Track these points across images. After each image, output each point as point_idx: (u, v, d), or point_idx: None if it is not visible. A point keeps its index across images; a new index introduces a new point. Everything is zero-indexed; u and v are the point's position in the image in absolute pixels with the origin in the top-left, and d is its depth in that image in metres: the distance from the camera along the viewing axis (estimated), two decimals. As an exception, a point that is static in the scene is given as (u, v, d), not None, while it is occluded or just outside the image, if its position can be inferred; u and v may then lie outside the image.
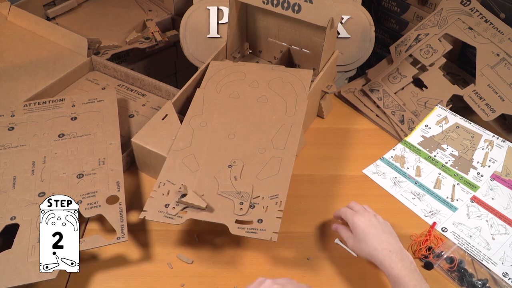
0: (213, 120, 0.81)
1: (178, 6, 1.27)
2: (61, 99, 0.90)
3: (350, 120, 1.00)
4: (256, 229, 0.66)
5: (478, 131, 0.90)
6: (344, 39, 1.06)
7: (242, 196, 0.70)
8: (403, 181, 0.86)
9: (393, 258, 0.61)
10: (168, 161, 0.75)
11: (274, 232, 0.65)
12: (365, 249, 0.65)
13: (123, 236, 0.67)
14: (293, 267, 0.71)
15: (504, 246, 0.74)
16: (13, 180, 0.75)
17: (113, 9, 1.30)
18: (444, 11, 1.03)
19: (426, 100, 0.97)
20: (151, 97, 1.00)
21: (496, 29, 0.95)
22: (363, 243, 0.65)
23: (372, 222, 0.67)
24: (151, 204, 0.70)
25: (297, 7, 0.85)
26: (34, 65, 1.02)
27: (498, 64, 0.93)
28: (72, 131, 0.83)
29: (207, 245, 0.74)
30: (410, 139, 0.93)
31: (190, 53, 1.07)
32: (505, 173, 0.84)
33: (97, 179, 0.75)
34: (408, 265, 0.61)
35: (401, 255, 0.62)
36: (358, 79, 1.09)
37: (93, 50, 1.11)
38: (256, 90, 0.86)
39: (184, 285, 0.69)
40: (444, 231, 0.77)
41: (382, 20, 1.27)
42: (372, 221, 0.67)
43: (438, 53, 0.99)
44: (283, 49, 0.99)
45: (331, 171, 0.88)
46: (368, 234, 0.65)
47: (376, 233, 0.65)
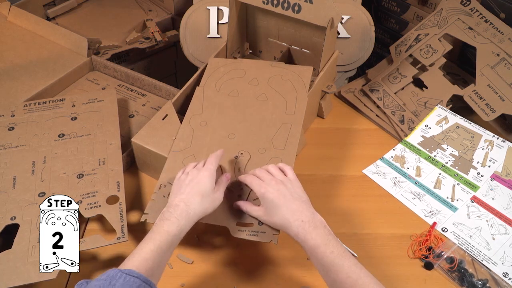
0: (213, 119, 0.81)
1: (178, 6, 1.27)
2: (61, 99, 0.90)
3: (350, 120, 1.00)
4: (257, 232, 0.66)
5: (478, 131, 0.90)
6: (344, 39, 1.06)
7: (242, 189, 0.71)
8: (403, 181, 0.86)
9: (306, 228, 0.59)
10: (168, 162, 0.75)
11: (274, 235, 0.65)
12: (278, 222, 0.62)
13: (123, 236, 0.67)
14: (293, 267, 0.71)
15: (504, 246, 0.74)
16: (13, 180, 0.75)
17: (113, 9, 1.30)
18: (444, 11, 1.03)
19: (426, 100, 0.97)
20: (151, 97, 1.00)
21: (496, 29, 0.95)
22: (275, 216, 0.62)
23: (281, 191, 0.63)
24: (153, 207, 0.70)
25: (297, 7, 0.85)
26: (34, 65, 1.02)
27: (498, 64, 0.93)
28: (72, 131, 0.83)
29: (207, 245, 0.74)
30: (410, 139, 0.93)
31: (190, 53, 1.07)
32: (505, 173, 0.84)
33: (97, 179, 0.75)
34: (322, 232, 0.59)
35: (314, 223, 0.59)
36: (358, 79, 1.09)
37: (93, 50, 1.11)
38: (255, 88, 0.86)
39: (184, 285, 0.69)
40: (444, 231, 0.77)
41: (382, 20, 1.27)
42: (281, 190, 0.63)
43: (438, 53, 0.99)
44: (283, 49, 0.99)
45: (331, 171, 0.88)
46: (278, 205, 0.62)
47: (286, 203, 0.62)
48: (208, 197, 0.63)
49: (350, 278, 0.54)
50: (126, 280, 0.49)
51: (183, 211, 0.60)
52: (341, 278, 0.55)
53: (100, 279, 0.50)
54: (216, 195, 0.65)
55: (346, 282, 0.54)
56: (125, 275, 0.50)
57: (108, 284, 0.49)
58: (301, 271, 0.71)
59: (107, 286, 0.49)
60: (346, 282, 0.54)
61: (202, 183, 0.63)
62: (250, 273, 0.71)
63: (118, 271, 0.50)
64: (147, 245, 0.56)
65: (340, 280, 0.55)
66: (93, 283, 0.50)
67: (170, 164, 0.75)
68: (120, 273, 0.50)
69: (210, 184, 0.64)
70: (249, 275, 0.70)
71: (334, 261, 0.56)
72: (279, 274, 0.70)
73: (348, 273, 0.55)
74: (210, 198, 0.63)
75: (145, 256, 0.54)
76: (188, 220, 0.60)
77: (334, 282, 0.56)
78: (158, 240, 0.56)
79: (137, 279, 0.50)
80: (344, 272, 0.55)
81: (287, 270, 0.71)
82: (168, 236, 0.57)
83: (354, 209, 0.81)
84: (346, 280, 0.54)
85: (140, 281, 0.50)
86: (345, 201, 0.82)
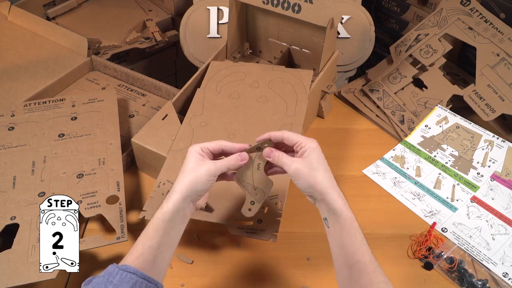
0: (213, 120, 0.81)
1: (178, 6, 1.27)
2: (61, 99, 0.90)
3: (350, 120, 1.00)
4: (256, 229, 0.66)
5: (478, 131, 0.90)
6: (344, 39, 1.06)
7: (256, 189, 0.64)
8: (403, 181, 0.86)
9: (344, 199, 0.56)
10: (168, 161, 0.75)
11: (273, 233, 0.65)
12: (319, 179, 0.54)
13: (123, 236, 0.67)
14: (293, 267, 0.71)
15: (504, 246, 0.74)
16: (13, 180, 0.75)
17: (113, 9, 1.30)
18: (444, 11, 1.03)
19: (426, 100, 0.97)
20: (151, 97, 1.00)
21: (496, 29, 0.95)
22: (318, 171, 0.55)
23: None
24: (151, 204, 0.70)
25: (297, 7, 0.85)
26: (34, 65, 1.02)
27: (498, 64, 0.93)
28: (72, 131, 0.83)
29: (207, 245, 0.74)
30: (410, 139, 0.93)
31: (190, 53, 1.07)
32: (505, 173, 0.84)
33: (97, 179, 0.75)
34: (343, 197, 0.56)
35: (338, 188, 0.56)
36: (358, 79, 1.09)
37: (93, 50, 1.11)
38: (256, 91, 0.86)
39: (184, 285, 0.69)
40: (444, 231, 0.77)
41: (382, 20, 1.27)
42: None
43: (438, 53, 0.99)
44: (283, 49, 0.99)
45: (331, 171, 0.88)
46: (324, 163, 0.56)
47: (327, 166, 0.56)
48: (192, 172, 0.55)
49: (372, 263, 0.53)
50: (122, 276, 0.49)
51: (169, 196, 0.55)
52: (366, 260, 0.52)
53: (100, 275, 0.50)
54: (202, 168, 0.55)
55: (369, 266, 0.52)
56: (122, 271, 0.50)
57: (106, 280, 0.49)
58: (301, 271, 0.71)
59: (105, 283, 0.49)
60: (368, 266, 0.52)
61: (186, 162, 0.56)
62: (250, 273, 0.71)
63: (115, 267, 0.50)
64: (142, 238, 0.54)
65: (364, 262, 0.52)
66: (95, 280, 0.50)
67: (169, 163, 0.75)
68: (117, 269, 0.50)
69: (192, 161, 0.56)
70: (249, 275, 0.70)
71: (363, 240, 0.54)
72: (279, 274, 0.70)
73: (372, 259, 0.53)
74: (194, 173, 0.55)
75: (139, 249, 0.53)
76: (173, 202, 0.54)
77: (357, 262, 0.53)
78: (150, 228, 0.54)
79: (134, 275, 0.49)
80: (370, 255, 0.53)
81: (287, 270, 0.71)
82: (157, 221, 0.54)
83: (354, 209, 0.79)
84: (369, 264, 0.52)
85: (137, 277, 0.49)
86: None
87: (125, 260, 0.53)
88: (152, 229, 0.54)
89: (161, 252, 0.54)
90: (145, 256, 0.53)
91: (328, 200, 0.54)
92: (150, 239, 0.54)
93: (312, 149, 0.55)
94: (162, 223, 0.55)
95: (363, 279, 0.52)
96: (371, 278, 0.51)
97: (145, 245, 0.53)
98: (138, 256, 0.53)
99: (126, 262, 0.52)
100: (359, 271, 0.52)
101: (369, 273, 0.52)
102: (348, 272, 0.53)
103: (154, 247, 0.54)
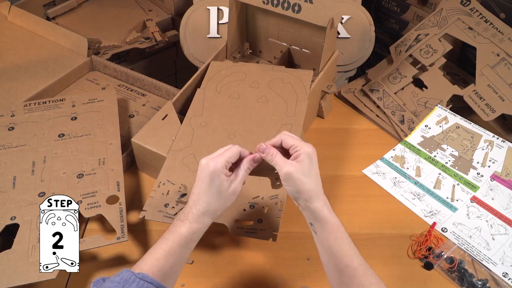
0: (213, 120, 0.81)
1: (178, 6, 1.27)
2: (61, 99, 0.90)
3: (350, 120, 1.00)
4: (256, 229, 0.66)
5: (478, 131, 0.90)
6: (344, 39, 1.06)
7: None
8: (403, 181, 0.86)
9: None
10: (168, 161, 0.75)
11: (273, 233, 0.65)
12: (308, 184, 0.54)
13: (123, 236, 0.67)
14: (293, 267, 0.71)
15: (504, 246, 0.74)
16: (13, 180, 0.75)
17: (113, 9, 1.30)
18: (444, 11, 1.03)
19: (426, 100, 0.97)
20: (151, 97, 1.00)
21: (496, 29, 0.95)
22: (309, 177, 0.54)
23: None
24: (151, 204, 0.70)
25: (297, 7, 0.85)
26: (34, 65, 1.02)
27: (498, 64, 0.93)
28: (72, 131, 0.83)
29: (207, 245, 0.74)
30: (410, 139, 0.93)
31: (190, 53, 1.07)
32: (505, 173, 0.84)
33: (97, 179, 0.75)
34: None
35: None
36: (358, 79, 1.09)
37: (93, 50, 1.11)
38: (256, 91, 0.86)
39: (184, 285, 0.69)
40: (444, 231, 0.77)
41: (382, 20, 1.27)
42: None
43: (438, 53, 0.99)
44: (283, 49, 0.99)
45: (331, 171, 0.88)
46: (315, 167, 0.55)
47: (317, 170, 0.56)
48: (221, 195, 0.55)
49: (362, 266, 0.53)
50: (139, 285, 0.48)
51: (194, 214, 0.55)
52: (355, 265, 0.53)
53: (114, 280, 0.49)
54: (230, 189, 0.56)
55: (358, 270, 0.53)
56: (139, 279, 0.48)
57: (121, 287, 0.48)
58: (301, 271, 0.71)
59: None
60: (358, 270, 0.53)
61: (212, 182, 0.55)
62: (250, 273, 0.71)
63: (131, 274, 0.49)
64: (160, 245, 0.54)
65: (353, 266, 0.53)
66: (107, 284, 0.49)
67: (169, 162, 0.75)
68: (134, 276, 0.49)
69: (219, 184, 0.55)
70: (249, 275, 0.70)
71: (351, 244, 0.54)
72: (279, 274, 0.70)
73: (361, 262, 0.54)
74: (223, 196, 0.56)
75: (157, 256, 0.53)
76: (198, 222, 0.55)
77: (346, 267, 0.53)
78: (171, 241, 0.54)
79: (151, 284, 0.48)
80: (359, 259, 0.54)
81: (287, 270, 0.71)
82: (180, 238, 0.54)
83: (354, 209, 0.81)
84: (359, 268, 0.53)
85: (154, 287, 0.48)
86: (345, 201, 0.82)
87: (141, 264, 0.52)
88: (178, 246, 0.54)
89: (179, 260, 0.55)
90: (161, 262, 0.52)
91: (313, 209, 0.55)
92: (174, 253, 0.54)
93: (306, 154, 0.55)
94: (190, 243, 0.56)
95: (353, 283, 0.52)
96: (361, 281, 0.52)
97: (165, 252, 0.53)
98: (154, 261, 0.52)
99: (142, 266, 0.52)
100: (349, 275, 0.53)
101: (359, 277, 0.52)
102: (338, 276, 0.54)
103: (176, 262, 0.54)
